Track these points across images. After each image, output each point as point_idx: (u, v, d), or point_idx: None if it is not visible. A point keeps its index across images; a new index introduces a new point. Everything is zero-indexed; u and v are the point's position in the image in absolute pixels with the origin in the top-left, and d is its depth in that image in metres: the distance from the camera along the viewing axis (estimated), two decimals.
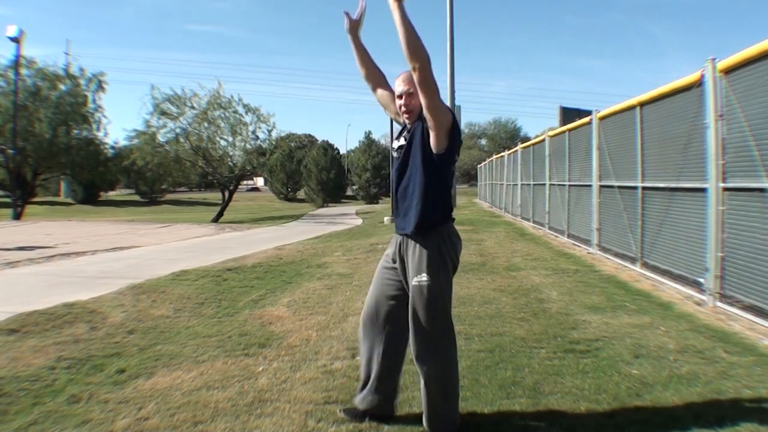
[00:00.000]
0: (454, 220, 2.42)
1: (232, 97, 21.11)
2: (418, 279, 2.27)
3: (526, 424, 2.45)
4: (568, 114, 13.59)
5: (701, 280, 4.74)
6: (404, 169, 2.35)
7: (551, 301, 4.81)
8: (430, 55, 2.12)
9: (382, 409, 2.46)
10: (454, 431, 2.34)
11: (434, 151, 2.26)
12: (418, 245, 2.29)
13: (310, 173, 43.41)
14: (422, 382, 2.33)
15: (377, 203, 38.43)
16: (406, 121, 2.41)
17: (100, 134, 28.25)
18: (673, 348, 3.43)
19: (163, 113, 20.47)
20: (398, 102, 2.37)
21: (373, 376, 2.45)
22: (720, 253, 4.47)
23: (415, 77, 2.14)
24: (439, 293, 2.26)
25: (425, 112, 2.20)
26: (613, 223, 7.14)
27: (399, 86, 2.35)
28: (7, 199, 25.60)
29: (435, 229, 2.30)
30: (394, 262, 2.43)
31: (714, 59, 4.58)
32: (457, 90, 22.57)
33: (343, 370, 3.13)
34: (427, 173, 2.27)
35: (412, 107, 2.33)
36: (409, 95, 2.32)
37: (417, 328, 2.29)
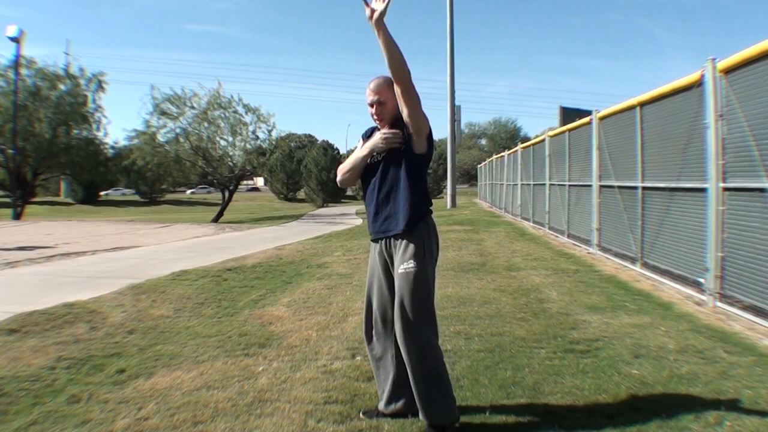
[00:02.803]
0: (431, 212, 2.52)
1: (232, 97, 21.14)
2: (405, 266, 2.33)
3: (526, 424, 2.45)
4: (568, 114, 13.58)
5: (701, 280, 4.74)
6: (386, 174, 2.42)
7: (551, 301, 4.81)
8: (410, 70, 2.23)
9: (409, 408, 2.46)
10: (454, 419, 2.35)
11: (417, 151, 2.39)
12: (405, 240, 2.37)
13: (310, 173, 43.39)
14: (410, 372, 2.33)
15: None
16: (380, 127, 2.48)
17: (100, 134, 28.38)
18: (673, 348, 3.43)
19: (163, 113, 20.46)
20: (370, 110, 2.44)
21: (392, 380, 2.47)
22: (720, 253, 4.47)
23: (398, 91, 2.25)
24: (424, 280, 2.33)
25: (407, 118, 2.32)
26: (613, 223, 7.13)
27: (369, 96, 2.42)
28: (7, 199, 25.60)
29: (422, 222, 2.41)
30: (383, 265, 2.48)
31: (714, 59, 4.58)
32: (457, 90, 22.62)
33: (343, 370, 3.13)
34: (411, 174, 2.38)
35: (384, 115, 2.42)
36: (379, 104, 2.40)
37: (402, 315, 2.32)
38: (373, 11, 2.12)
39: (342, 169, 2.57)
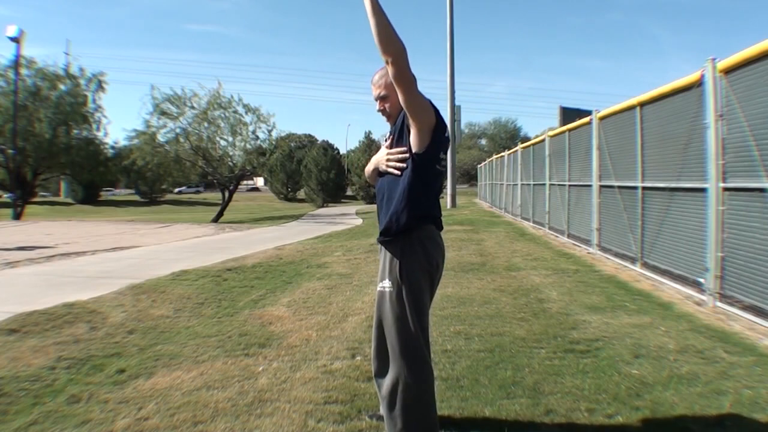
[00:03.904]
0: (437, 223, 2.22)
1: (232, 97, 21.15)
2: (381, 285, 2.13)
3: (526, 424, 2.45)
4: (568, 114, 13.58)
5: (701, 280, 4.74)
6: (387, 176, 2.18)
7: (551, 301, 4.81)
8: (405, 47, 1.91)
9: None
10: None
11: (414, 150, 2.06)
12: (387, 251, 2.15)
13: (310, 173, 43.45)
14: (380, 394, 2.17)
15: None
16: (389, 124, 2.27)
17: (100, 134, 28.42)
18: (673, 348, 3.43)
19: (163, 113, 20.47)
20: (376, 104, 2.23)
21: None
22: (720, 253, 4.47)
23: (389, 71, 1.93)
24: (399, 302, 2.06)
25: (404, 108, 2.01)
26: (613, 223, 7.14)
27: (374, 90, 2.20)
28: (8, 199, 25.62)
29: (405, 234, 2.10)
30: None
31: (714, 59, 4.58)
32: (457, 90, 22.66)
33: (343, 370, 3.13)
34: (407, 179, 2.08)
35: (389, 111, 2.19)
36: (383, 99, 2.17)
37: (377, 337, 2.17)
38: None
39: (365, 171, 2.40)
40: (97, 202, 43.05)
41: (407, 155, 2.09)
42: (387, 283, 2.10)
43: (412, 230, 2.10)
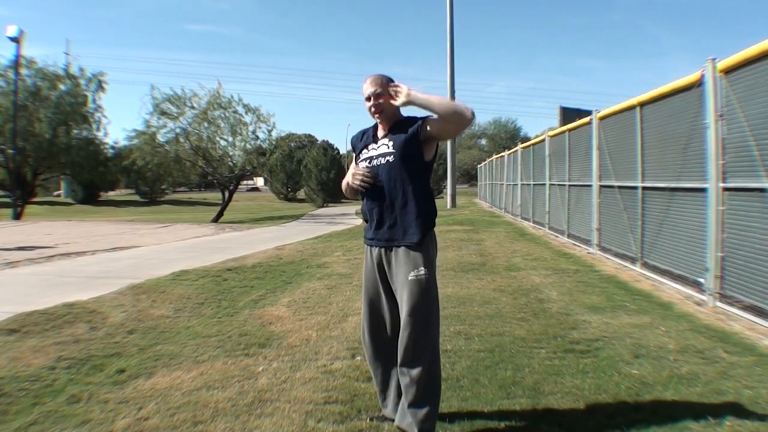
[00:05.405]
0: None
1: (232, 97, 21.08)
2: (416, 273, 2.25)
3: (526, 424, 2.45)
4: (568, 114, 13.56)
5: (701, 280, 4.74)
6: (394, 180, 2.31)
7: (551, 301, 4.81)
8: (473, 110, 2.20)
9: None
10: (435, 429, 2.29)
11: (427, 159, 2.36)
12: (412, 249, 2.29)
13: (310, 173, 43.39)
14: (413, 379, 2.23)
15: None
16: (378, 122, 2.44)
17: (100, 134, 28.33)
18: (673, 348, 3.43)
19: (163, 113, 20.42)
20: (367, 104, 2.39)
21: (395, 386, 2.41)
22: (720, 253, 4.47)
23: (457, 122, 2.25)
24: (434, 287, 2.32)
25: (441, 129, 2.29)
26: (613, 223, 7.14)
27: (367, 89, 2.37)
28: (8, 199, 25.60)
29: (430, 231, 2.38)
30: (381, 274, 2.38)
31: (714, 59, 4.58)
32: (457, 90, 22.64)
33: (343, 370, 3.13)
34: (421, 182, 2.34)
35: (383, 107, 2.36)
36: (377, 96, 2.36)
37: (415, 323, 2.22)
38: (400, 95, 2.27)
39: (343, 186, 2.56)
40: (97, 202, 43.00)
41: (370, 173, 2.36)
42: (423, 271, 2.25)
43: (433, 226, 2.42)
